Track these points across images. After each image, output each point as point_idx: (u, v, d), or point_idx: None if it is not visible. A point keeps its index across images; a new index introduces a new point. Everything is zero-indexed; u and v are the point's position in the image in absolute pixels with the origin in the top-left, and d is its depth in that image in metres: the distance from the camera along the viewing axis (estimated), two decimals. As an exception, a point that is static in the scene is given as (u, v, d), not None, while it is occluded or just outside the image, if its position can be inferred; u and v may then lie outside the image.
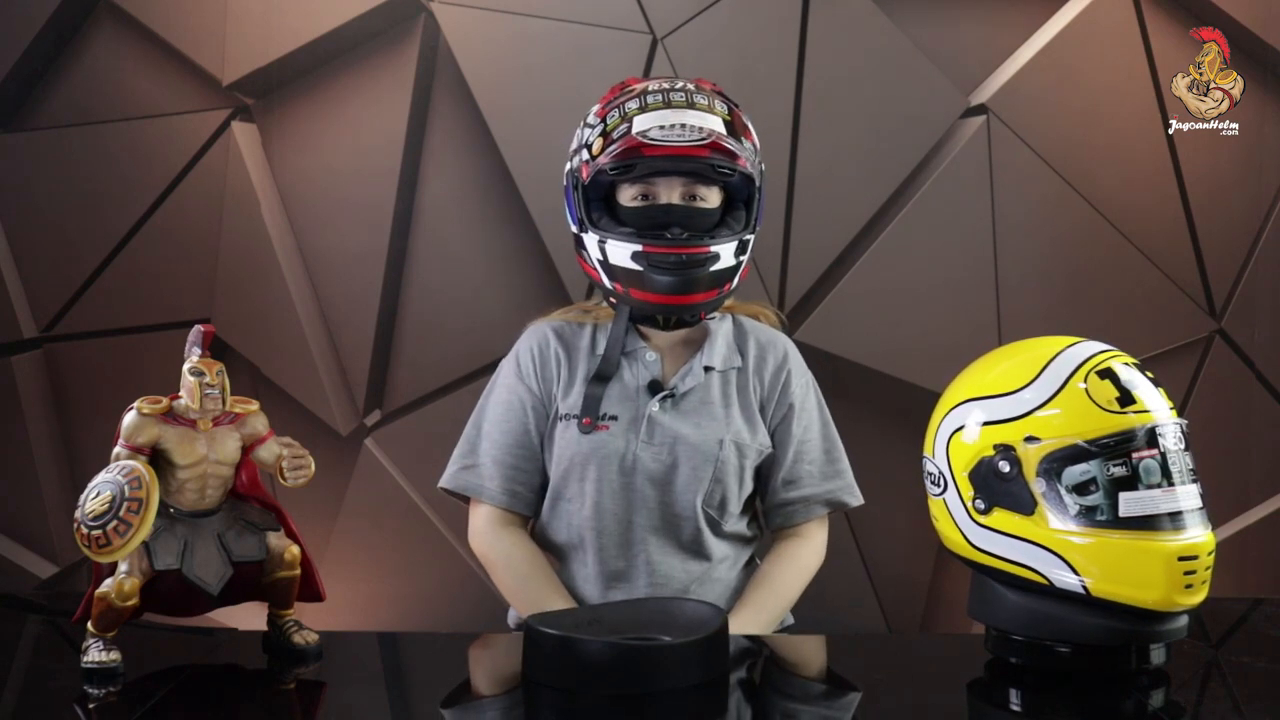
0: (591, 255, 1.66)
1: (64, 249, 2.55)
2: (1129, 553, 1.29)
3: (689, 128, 1.59)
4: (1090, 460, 1.30)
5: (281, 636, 1.43)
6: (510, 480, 1.71)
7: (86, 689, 1.31)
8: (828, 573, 1.83)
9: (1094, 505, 1.31)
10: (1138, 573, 1.29)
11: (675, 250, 1.59)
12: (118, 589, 1.31)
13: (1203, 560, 1.29)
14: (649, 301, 1.63)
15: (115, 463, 1.33)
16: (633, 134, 1.60)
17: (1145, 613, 1.30)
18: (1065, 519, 1.32)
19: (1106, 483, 1.30)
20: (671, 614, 1.42)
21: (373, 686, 1.41)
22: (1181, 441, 1.32)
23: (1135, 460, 1.29)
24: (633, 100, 1.64)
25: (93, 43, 2.53)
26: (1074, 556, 1.31)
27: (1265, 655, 1.48)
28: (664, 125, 1.59)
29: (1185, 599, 1.29)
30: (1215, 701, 1.36)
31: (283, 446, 1.41)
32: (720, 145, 1.60)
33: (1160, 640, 1.33)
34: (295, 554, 1.42)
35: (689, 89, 1.65)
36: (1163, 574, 1.28)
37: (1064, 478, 1.32)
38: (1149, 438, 1.30)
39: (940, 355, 2.54)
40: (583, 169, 1.66)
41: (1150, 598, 1.29)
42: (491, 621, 1.99)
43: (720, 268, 1.62)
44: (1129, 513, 1.29)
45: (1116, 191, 2.61)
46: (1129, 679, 1.33)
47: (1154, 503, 1.29)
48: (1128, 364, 1.36)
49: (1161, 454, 1.30)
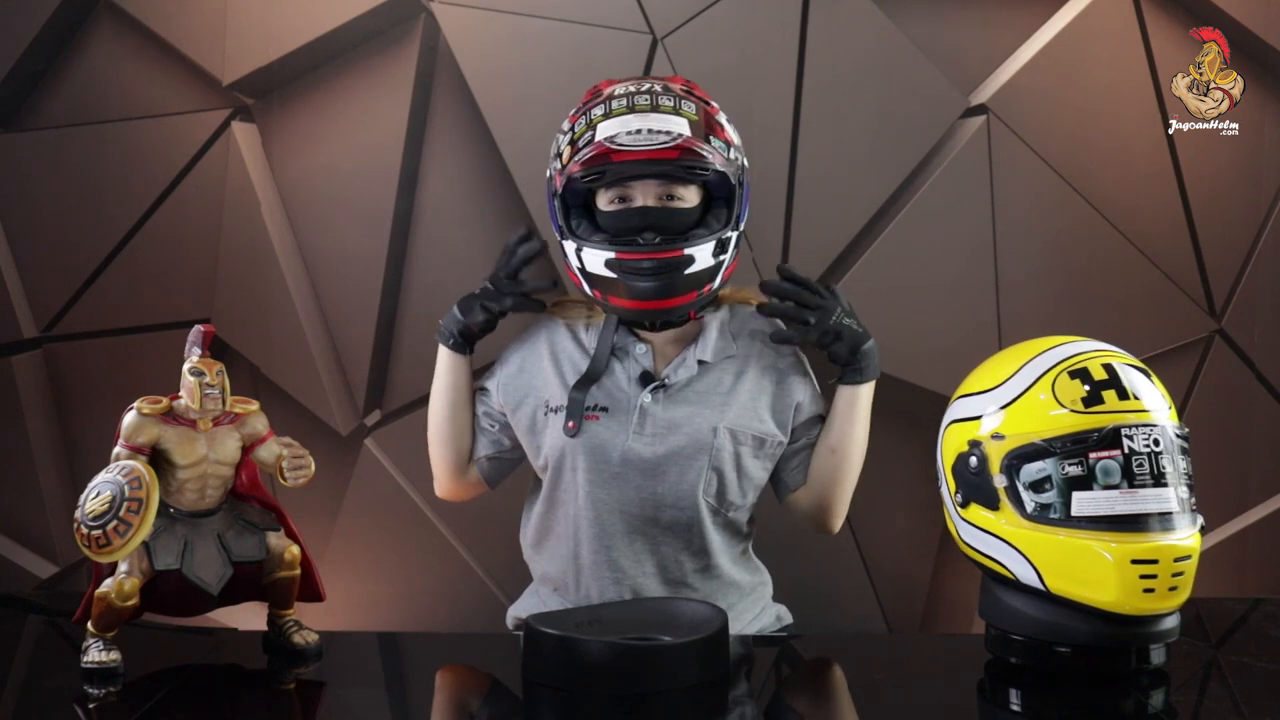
0: (571, 263, 1.66)
1: (64, 249, 2.55)
2: (1080, 552, 1.29)
3: (655, 131, 1.58)
4: (1047, 458, 1.31)
5: (281, 636, 1.43)
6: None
7: (86, 689, 1.31)
8: (828, 573, 1.83)
9: (1048, 503, 1.31)
10: (1089, 573, 1.29)
11: (648, 256, 1.58)
12: (118, 589, 1.31)
13: (1166, 565, 1.27)
14: (627, 308, 1.63)
15: (115, 463, 1.33)
16: (597, 140, 1.59)
17: (1114, 615, 1.29)
18: (1024, 516, 1.33)
19: (1061, 481, 1.31)
20: (671, 614, 1.42)
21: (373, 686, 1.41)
22: (1160, 445, 1.30)
23: (1092, 460, 1.29)
24: (598, 106, 1.63)
25: (93, 43, 2.53)
26: (1031, 553, 1.32)
27: (1265, 655, 1.48)
28: (629, 130, 1.58)
29: (1148, 603, 1.28)
30: (1215, 701, 1.37)
31: (283, 446, 1.41)
32: (688, 147, 1.59)
33: (1132, 644, 1.32)
34: (295, 554, 1.42)
35: (655, 91, 1.64)
36: (1115, 576, 1.28)
37: (1022, 475, 1.33)
38: (1111, 439, 1.29)
39: (940, 355, 2.56)
40: (555, 177, 1.66)
41: (1104, 599, 1.29)
42: (491, 621, 1.99)
43: (697, 270, 1.60)
44: (1081, 512, 1.30)
45: (1116, 191, 2.61)
46: (1129, 679, 1.34)
47: (1109, 504, 1.29)
48: (1117, 364, 1.35)
49: (1126, 455, 1.29)
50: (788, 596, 1.84)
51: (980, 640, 1.43)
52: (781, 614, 1.80)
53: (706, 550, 1.68)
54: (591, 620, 1.39)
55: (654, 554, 1.67)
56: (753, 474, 1.70)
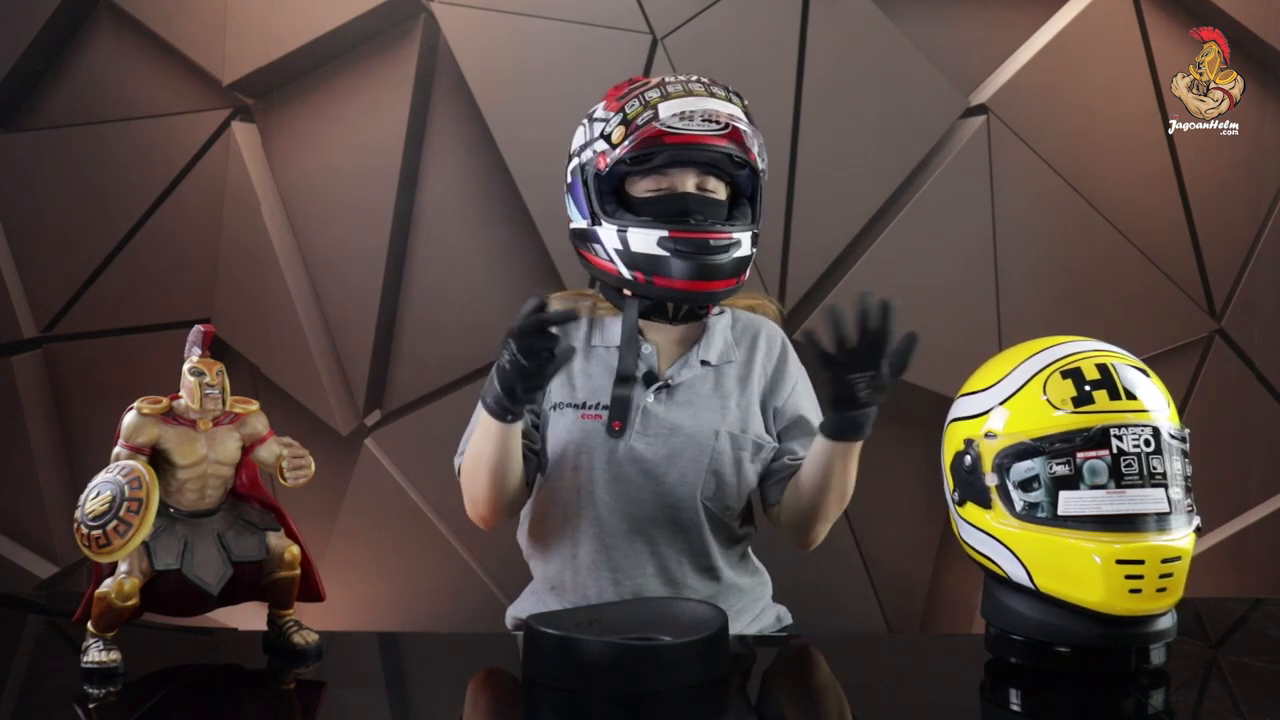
0: (608, 246, 1.66)
1: (64, 249, 2.55)
2: (1066, 551, 1.29)
3: (710, 115, 1.61)
4: (1035, 457, 1.31)
5: (281, 636, 1.43)
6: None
7: (86, 689, 1.31)
8: (828, 573, 1.83)
9: (1035, 502, 1.32)
10: (1076, 573, 1.29)
11: (701, 235, 1.62)
12: (118, 589, 1.31)
13: (1153, 566, 1.27)
14: (671, 288, 1.64)
15: (115, 463, 1.33)
16: (658, 120, 1.61)
17: (1103, 615, 1.29)
18: (1013, 514, 1.33)
19: (1048, 480, 1.31)
20: (671, 614, 1.42)
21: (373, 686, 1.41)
22: (1152, 446, 1.29)
23: (1080, 460, 1.29)
24: (653, 90, 1.65)
25: (93, 43, 2.53)
26: (1021, 552, 1.33)
27: (1265, 655, 1.48)
28: (687, 112, 1.61)
29: (1135, 604, 1.28)
30: (1215, 701, 1.36)
31: (283, 446, 1.41)
32: (738, 135, 1.63)
33: (1124, 645, 1.31)
34: (295, 554, 1.42)
35: (704, 80, 1.68)
36: (1100, 576, 1.27)
37: (1012, 473, 1.33)
38: (1100, 439, 1.29)
39: (940, 355, 2.54)
40: (599, 159, 1.66)
41: (1091, 599, 1.29)
42: (491, 621, 1.99)
43: (740, 255, 1.64)
44: (1068, 512, 1.30)
45: (1116, 191, 2.61)
46: (1129, 679, 1.33)
47: (1095, 504, 1.29)
48: (1113, 364, 1.34)
49: (1114, 455, 1.29)
50: (788, 597, 1.84)
51: (980, 640, 1.43)
52: (781, 615, 1.80)
53: (706, 552, 1.68)
54: (591, 620, 1.39)
55: (654, 555, 1.67)
56: (749, 478, 1.70)
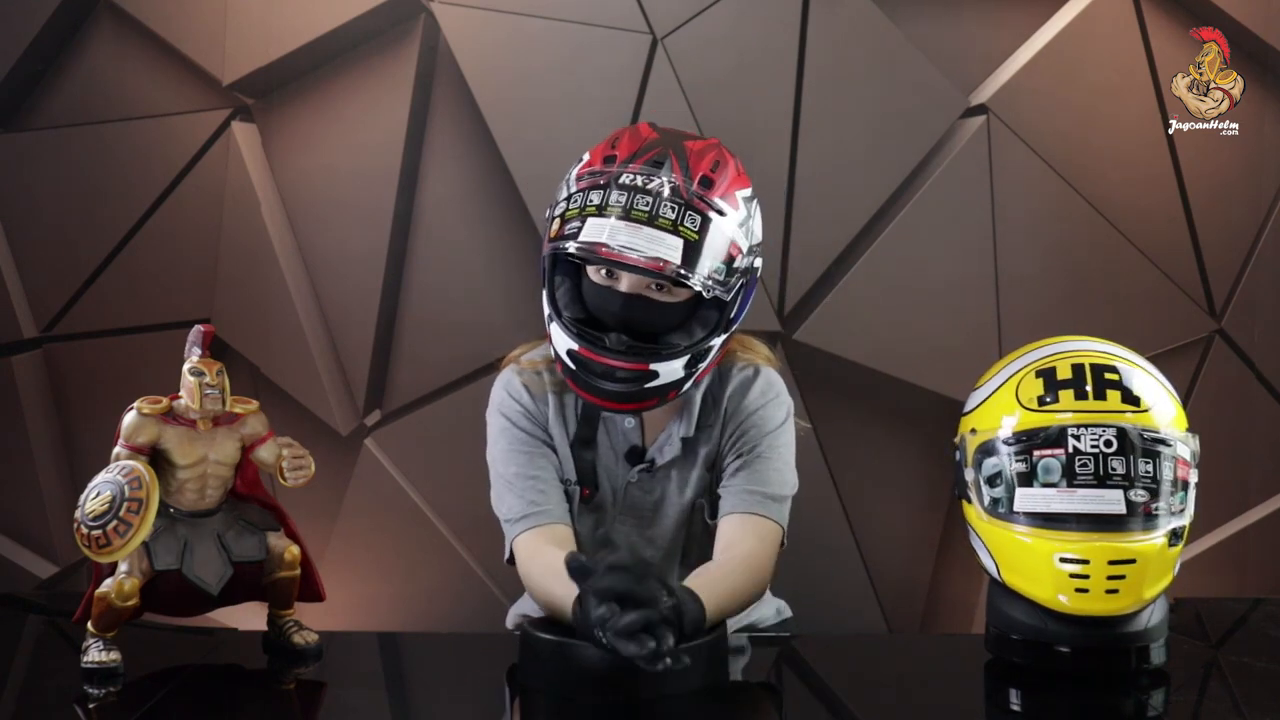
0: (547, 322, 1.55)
1: (64, 249, 2.55)
2: (1018, 547, 1.33)
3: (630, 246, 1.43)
4: (1000, 454, 1.35)
5: (281, 636, 1.43)
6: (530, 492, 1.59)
7: (86, 689, 1.31)
8: (828, 572, 1.83)
9: (998, 498, 1.35)
10: (1028, 568, 1.32)
11: (608, 363, 1.47)
12: (118, 589, 1.31)
13: (1099, 566, 1.28)
14: (586, 400, 1.54)
15: (115, 463, 1.33)
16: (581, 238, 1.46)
17: (1055, 612, 1.32)
18: (983, 509, 1.37)
19: (1010, 477, 1.34)
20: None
21: (373, 686, 1.41)
22: (1113, 446, 1.30)
23: (1035, 458, 1.32)
24: (596, 192, 1.47)
25: (93, 43, 2.53)
26: (990, 545, 1.37)
27: (1265, 655, 1.48)
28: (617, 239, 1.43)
29: (1083, 604, 1.29)
30: (1215, 701, 1.37)
31: (283, 446, 1.41)
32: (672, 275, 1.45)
33: (1103, 647, 1.32)
34: (295, 554, 1.42)
35: (661, 195, 1.45)
36: (1046, 573, 1.30)
37: (982, 469, 1.37)
38: (1056, 438, 1.31)
39: (940, 355, 2.56)
40: (545, 240, 1.54)
41: (1041, 594, 1.32)
42: (491, 621, 1.99)
43: (661, 383, 1.49)
44: (1022, 508, 1.33)
45: (1116, 191, 2.61)
46: (1129, 679, 1.34)
47: (1045, 501, 1.31)
48: (1089, 365, 1.35)
49: (1069, 455, 1.30)
50: (787, 597, 1.84)
51: (980, 640, 1.43)
52: (781, 608, 1.80)
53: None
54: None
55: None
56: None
